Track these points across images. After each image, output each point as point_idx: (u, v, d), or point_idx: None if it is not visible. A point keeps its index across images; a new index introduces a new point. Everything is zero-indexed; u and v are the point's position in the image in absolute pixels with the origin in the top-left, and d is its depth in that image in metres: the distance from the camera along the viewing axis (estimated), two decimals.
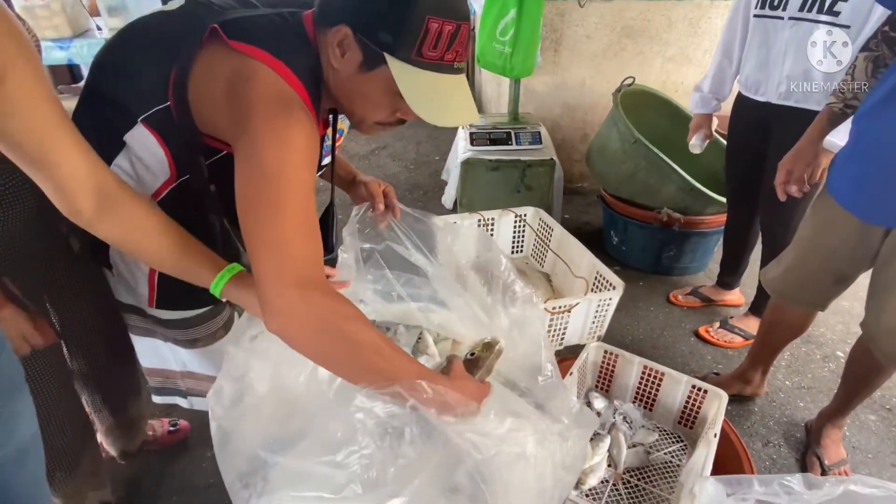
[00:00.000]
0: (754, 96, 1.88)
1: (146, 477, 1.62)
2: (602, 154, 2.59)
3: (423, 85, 0.85)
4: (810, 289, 1.56)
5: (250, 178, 0.80)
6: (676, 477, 1.50)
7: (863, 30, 1.60)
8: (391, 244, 1.19)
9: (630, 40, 3.15)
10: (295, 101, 0.85)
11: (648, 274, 2.61)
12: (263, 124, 0.80)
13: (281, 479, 0.84)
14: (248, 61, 0.84)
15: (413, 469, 0.82)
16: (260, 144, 0.79)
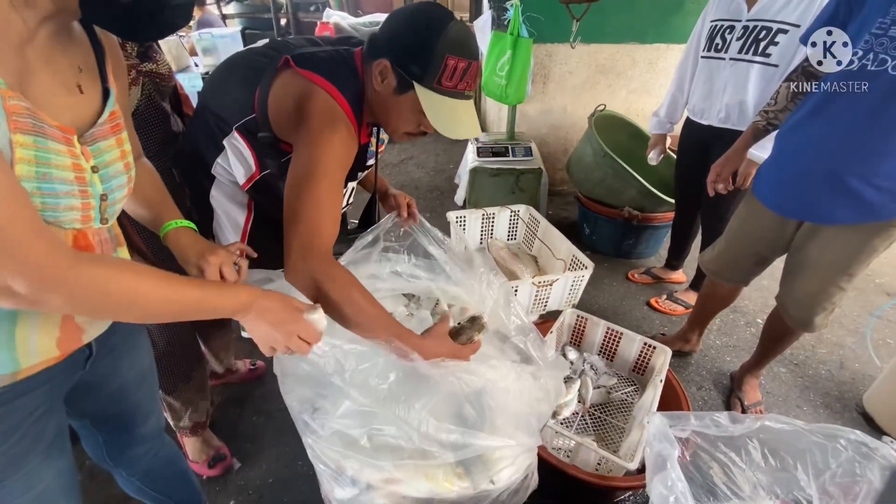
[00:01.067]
0: (699, 120, 1.84)
1: (233, 402, 1.65)
2: (578, 164, 2.55)
3: (441, 107, 0.88)
4: (737, 268, 1.55)
5: (297, 167, 0.86)
6: (630, 411, 1.50)
7: (789, 68, 1.55)
8: (416, 239, 1.21)
9: (602, 76, 3.08)
10: (341, 117, 0.89)
11: (612, 258, 2.59)
12: (315, 130, 0.85)
13: (328, 405, 0.85)
14: (310, 84, 0.89)
15: (429, 392, 0.83)
16: (311, 144, 0.85)
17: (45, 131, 0.52)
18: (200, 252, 0.80)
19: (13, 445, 0.62)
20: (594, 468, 1.23)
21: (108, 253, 0.69)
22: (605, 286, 2.36)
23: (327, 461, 0.88)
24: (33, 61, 0.53)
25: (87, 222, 0.60)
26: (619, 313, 2.17)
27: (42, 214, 0.53)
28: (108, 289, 0.52)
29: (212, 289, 0.63)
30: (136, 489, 1.01)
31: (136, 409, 0.89)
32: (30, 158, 0.50)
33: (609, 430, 1.45)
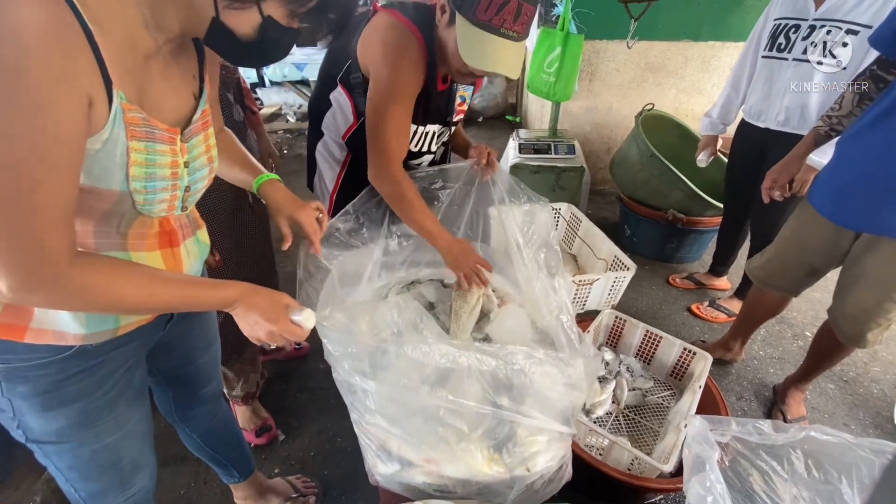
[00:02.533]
0: (756, 122, 1.78)
1: (279, 378, 1.75)
2: (622, 164, 2.51)
3: (472, 37, 0.91)
4: (787, 277, 1.50)
5: (373, 91, 1.01)
6: (665, 416, 1.49)
7: (857, 71, 1.47)
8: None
9: (651, 74, 3.01)
10: (412, 45, 0.98)
11: (653, 261, 2.54)
12: (389, 55, 0.97)
13: (375, 384, 0.90)
14: (390, 18, 0.98)
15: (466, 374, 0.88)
16: (384, 67, 0.98)
17: (154, 136, 0.59)
18: (294, 206, 0.91)
19: (108, 391, 0.71)
20: (626, 468, 1.24)
21: (187, 235, 0.76)
22: (645, 289, 2.32)
23: (371, 437, 0.94)
24: (154, 73, 0.60)
25: (171, 210, 0.68)
26: (658, 317, 2.13)
27: (140, 208, 0.61)
28: (91, 294, 0.54)
29: (198, 288, 0.64)
30: (196, 446, 1.11)
31: (202, 371, 0.99)
32: (141, 161, 0.58)
33: (642, 433, 1.44)
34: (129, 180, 0.57)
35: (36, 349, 0.62)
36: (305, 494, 1.34)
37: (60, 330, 0.62)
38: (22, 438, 0.69)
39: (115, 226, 0.62)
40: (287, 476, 1.37)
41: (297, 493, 1.33)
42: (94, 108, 0.50)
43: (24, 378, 0.64)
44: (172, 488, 1.39)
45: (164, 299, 0.61)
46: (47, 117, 0.45)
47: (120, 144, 0.54)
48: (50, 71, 0.44)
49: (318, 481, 1.38)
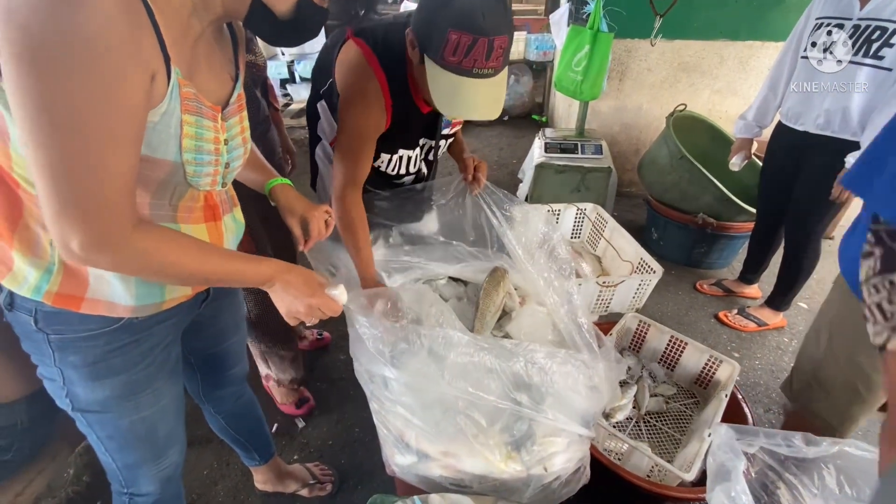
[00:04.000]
0: (794, 126, 1.71)
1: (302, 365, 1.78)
2: (652, 166, 2.46)
3: (444, 82, 0.85)
4: None
5: (339, 127, 1.03)
6: (688, 424, 1.45)
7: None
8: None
9: (685, 74, 2.93)
10: (371, 89, 0.97)
11: (680, 265, 2.48)
12: (345, 101, 0.98)
13: (395, 375, 0.91)
14: (356, 55, 0.97)
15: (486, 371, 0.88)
16: (342, 111, 0.99)
17: (202, 112, 0.62)
18: (305, 206, 0.93)
19: (148, 365, 0.75)
20: (645, 475, 1.21)
21: (226, 211, 0.80)
22: (671, 294, 2.27)
23: (390, 427, 0.95)
24: (200, 54, 0.63)
25: (214, 185, 0.71)
26: (684, 323, 2.08)
27: (190, 179, 0.65)
28: (150, 257, 0.57)
29: (241, 262, 0.68)
30: (220, 427, 1.15)
31: (230, 351, 1.02)
32: (192, 134, 0.61)
33: (663, 439, 1.41)
34: (182, 151, 0.61)
35: (88, 320, 0.66)
36: (323, 482, 1.36)
37: (113, 301, 0.66)
38: (68, 407, 0.72)
39: (168, 198, 0.66)
40: (305, 463, 1.40)
41: (315, 480, 1.36)
42: (156, 83, 0.53)
43: (76, 348, 0.67)
44: (197, 468, 1.43)
45: (211, 269, 0.64)
46: (120, 88, 0.48)
47: (175, 117, 0.58)
48: (124, 45, 0.47)
49: (334, 470, 1.41)
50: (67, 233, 0.50)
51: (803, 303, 2.18)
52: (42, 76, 0.44)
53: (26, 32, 0.43)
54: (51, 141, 0.47)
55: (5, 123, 0.54)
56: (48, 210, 0.49)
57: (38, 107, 0.45)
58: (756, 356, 1.91)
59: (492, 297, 1.20)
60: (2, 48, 0.44)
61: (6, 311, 0.66)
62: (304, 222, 0.93)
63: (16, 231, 0.60)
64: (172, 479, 0.89)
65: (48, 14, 0.43)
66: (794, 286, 1.93)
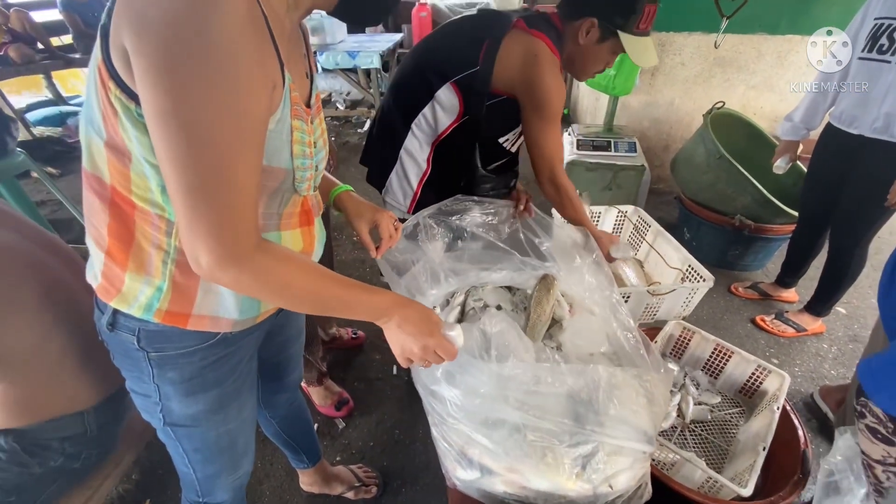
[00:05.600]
0: (847, 129, 1.65)
1: (336, 367, 1.79)
2: (687, 164, 2.40)
3: (638, 45, 1.08)
4: None
5: (535, 106, 1.12)
6: (734, 434, 1.44)
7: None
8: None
9: (720, 69, 2.85)
10: (559, 67, 1.12)
11: (713, 267, 2.38)
12: (548, 79, 1.08)
13: (457, 392, 0.90)
14: (539, 42, 1.08)
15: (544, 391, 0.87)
16: (546, 89, 1.09)
17: (301, 115, 0.61)
18: (374, 209, 0.92)
19: (237, 378, 0.75)
20: (698, 486, 1.20)
21: (316, 215, 0.79)
22: (705, 296, 2.18)
23: (451, 442, 0.94)
24: (289, 52, 0.61)
25: (310, 189, 0.71)
26: (720, 328, 2.05)
27: (297, 185, 0.64)
28: (271, 277, 0.56)
29: (360, 290, 0.64)
30: (274, 431, 1.16)
31: (290, 359, 1.03)
32: (299, 139, 0.61)
33: (709, 450, 1.40)
34: (294, 157, 0.60)
35: (188, 336, 0.66)
36: (368, 484, 1.37)
37: (218, 315, 0.65)
38: (160, 422, 0.73)
39: (276, 206, 0.65)
40: (349, 465, 1.41)
41: (360, 482, 1.37)
42: (276, 91, 0.53)
43: (175, 365, 0.67)
44: None
45: (331, 294, 0.61)
46: (249, 100, 0.48)
47: (286, 124, 0.58)
48: (251, 56, 0.47)
49: (378, 472, 1.42)
50: (200, 247, 0.50)
51: (842, 307, 2.14)
52: (178, 89, 0.43)
53: (162, 45, 0.42)
54: (187, 156, 0.46)
55: (125, 144, 0.53)
56: (183, 224, 0.49)
57: (174, 120, 0.45)
58: (795, 363, 1.88)
59: (543, 306, 1.18)
60: (137, 62, 0.43)
61: (106, 332, 0.65)
62: (372, 228, 0.91)
63: (130, 252, 0.60)
64: (243, 488, 0.90)
65: (183, 25, 0.42)
66: (837, 292, 1.88)
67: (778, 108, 2.87)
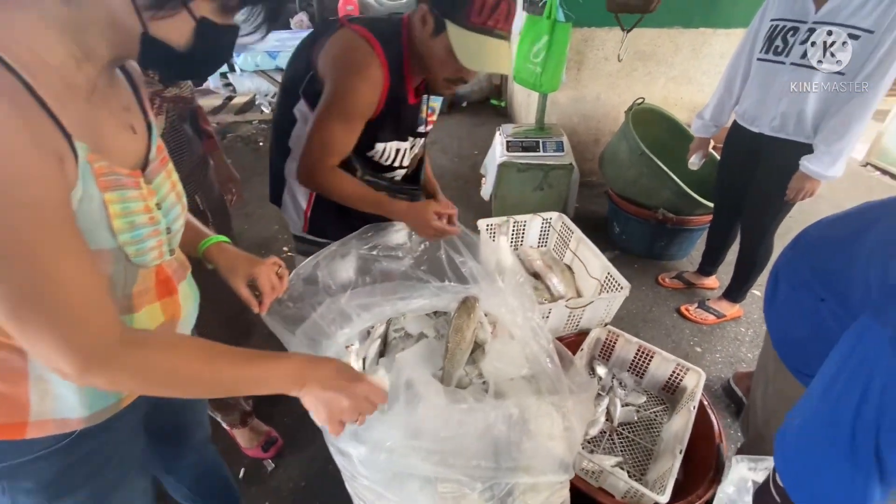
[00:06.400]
0: (749, 127, 1.73)
1: (265, 403, 1.68)
2: (612, 161, 2.45)
3: (468, 41, 0.90)
4: None
5: (325, 98, 0.98)
6: (658, 432, 1.49)
7: (857, 77, 1.42)
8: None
9: (641, 62, 2.92)
10: (372, 64, 0.95)
11: (642, 258, 2.52)
12: (344, 72, 0.95)
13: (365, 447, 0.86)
14: (353, 34, 0.95)
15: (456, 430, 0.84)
16: (337, 80, 0.96)
17: (122, 183, 0.53)
18: (249, 262, 0.82)
19: (116, 466, 0.67)
20: (622, 495, 1.23)
21: (180, 279, 0.71)
22: (635, 289, 2.28)
23: (364, 499, 0.90)
24: (99, 113, 0.53)
25: (162, 256, 0.63)
26: (649, 321, 2.12)
27: (135, 260, 0.57)
28: (151, 370, 0.52)
29: (261, 362, 0.58)
30: (184, 496, 1.07)
31: (190, 422, 0.94)
32: (119, 213, 0.53)
33: (637, 452, 1.44)
34: (116, 234, 0.53)
35: (35, 443, 0.57)
36: None
37: (63, 417, 0.57)
38: None
39: (120, 289, 0.58)
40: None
41: None
42: (65, 165, 0.46)
43: (27, 473, 0.58)
44: None
45: (225, 376, 0.56)
46: (37, 186, 0.42)
47: (95, 200, 0.50)
48: (13, 137, 0.40)
49: None
50: (57, 360, 0.46)
51: (757, 290, 2.27)
52: None
53: None
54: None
55: None
56: (29, 345, 0.46)
57: None
58: (717, 349, 1.98)
59: (462, 332, 1.15)
60: None
61: None
62: (251, 281, 0.82)
63: None
64: None
65: None
66: (750, 279, 1.99)
67: (696, 99, 2.99)
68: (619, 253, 2.56)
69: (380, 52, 0.95)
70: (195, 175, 1.12)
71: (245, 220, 2.79)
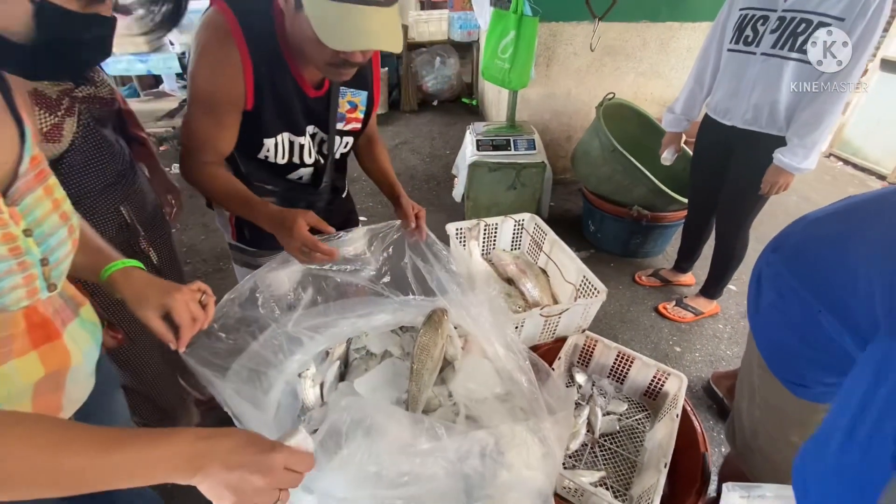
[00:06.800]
0: (722, 120, 1.68)
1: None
2: (585, 158, 2.39)
3: (331, 15, 0.74)
4: None
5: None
6: (642, 441, 1.42)
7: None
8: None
9: (609, 57, 2.87)
10: (225, 43, 0.82)
11: (618, 256, 2.47)
12: (194, 51, 0.83)
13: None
14: (208, 11, 0.83)
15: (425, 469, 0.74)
16: (191, 60, 0.84)
17: None
18: (162, 290, 0.66)
19: None
20: None
21: (68, 319, 0.59)
22: (612, 289, 2.24)
23: None
24: None
25: (34, 295, 0.51)
26: (627, 321, 2.07)
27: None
28: None
29: (131, 447, 0.43)
30: None
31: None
32: None
33: (619, 464, 1.36)
34: None
35: None
36: None
37: None
38: None
39: None
40: None
41: None
42: None
43: None
44: None
45: (77, 467, 0.40)
46: None
47: None
48: None
49: None
50: None
51: (732, 285, 2.25)
52: None
53: None
54: None
55: None
56: None
57: None
58: (696, 347, 1.94)
59: (429, 351, 1.05)
60: None
61: None
62: (165, 312, 0.67)
63: None
64: None
65: None
66: (726, 275, 1.96)
67: (665, 94, 2.97)
68: (595, 251, 2.50)
69: (237, 33, 0.81)
70: (120, 185, 0.98)
71: (202, 230, 2.62)
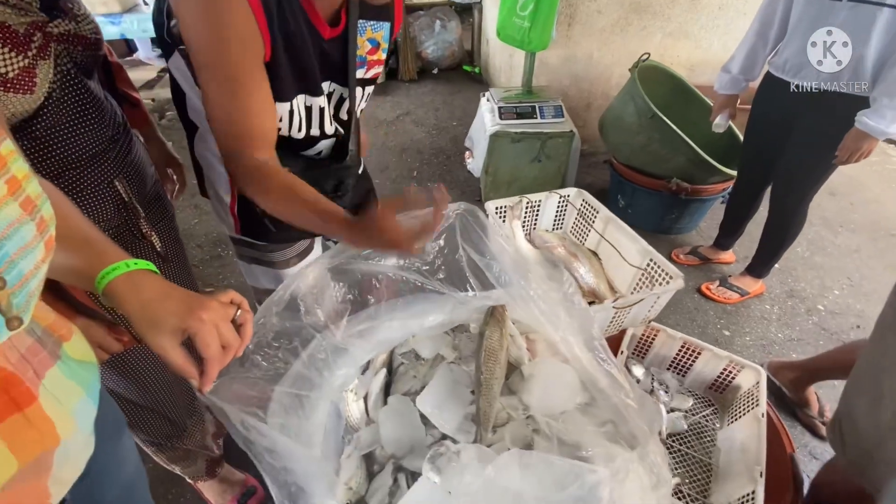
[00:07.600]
0: (791, 79, 1.48)
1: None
2: (616, 126, 2.19)
3: None
4: None
5: (189, 50, 0.66)
6: (711, 440, 1.28)
7: None
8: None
9: (636, 16, 2.63)
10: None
11: (650, 233, 2.30)
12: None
13: None
14: None
15: None
16: (182, 16, 0.61)
17: None
18: (183, 307, 0.46)
19: None
20: None
21: (44, 368, 0.41)
22: None
23: None
24: None
25: None
26: (669, 303, 1.90)
27: None
28: None
29: None
30: None
31: None
32: None
33: (691, 467, 1.23)
34: None
35: None
36: None
37: None
38: None
39: None
40: None
41: None
42: None
43: None
44: None
45: None
46: None
47: None
48: None
49: None
50: None
51: (776, 263, 2.11)
52: None
53: None
54: None
55: None
56: None
57: None
58: (745, 331, 1.81)
59: (497, 356, 0.88)
60: None
61: None
62: (185, 336, 0.48)
63: None
64: None
65: None
66: (779, 252, 1.81)
67: (693, 56, 2.75)
68: None
69: None
70: (112, 153, 0.76)
71: (195, 212, 2.37)
